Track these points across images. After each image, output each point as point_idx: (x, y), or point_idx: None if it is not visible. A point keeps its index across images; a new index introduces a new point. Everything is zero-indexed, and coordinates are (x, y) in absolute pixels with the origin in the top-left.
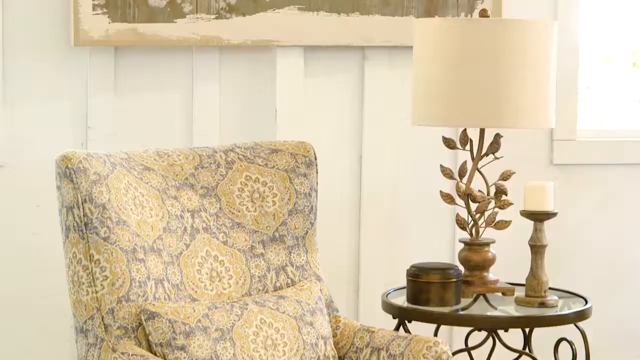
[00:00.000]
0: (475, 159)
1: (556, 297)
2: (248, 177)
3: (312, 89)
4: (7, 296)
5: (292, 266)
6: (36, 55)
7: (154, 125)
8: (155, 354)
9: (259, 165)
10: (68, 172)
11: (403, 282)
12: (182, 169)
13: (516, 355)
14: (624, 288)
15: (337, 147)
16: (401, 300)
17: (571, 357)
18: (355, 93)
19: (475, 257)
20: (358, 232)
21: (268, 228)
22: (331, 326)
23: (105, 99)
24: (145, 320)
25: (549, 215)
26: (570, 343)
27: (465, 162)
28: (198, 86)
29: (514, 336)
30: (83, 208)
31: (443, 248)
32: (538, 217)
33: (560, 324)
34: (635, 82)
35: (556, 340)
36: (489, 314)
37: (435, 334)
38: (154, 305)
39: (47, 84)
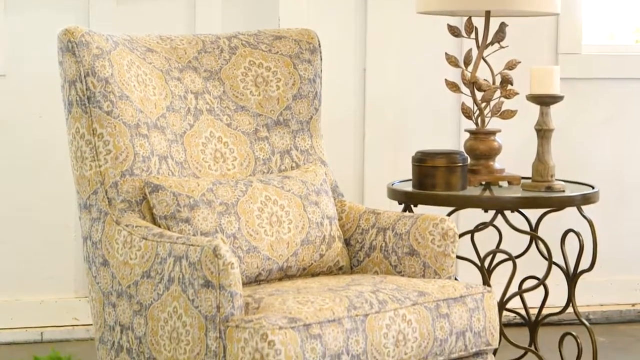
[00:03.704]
0: (481, 47)
1: (563, 183)
2: (252, 62)
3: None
4: (8, 206)
5: (297, 150)
6: None
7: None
8: (160, 227)
9: (263, 51)
10: (70, 45)
11: (408, 175)
12: (185, 53)
13: (522, 251)
14: (629, 201)
15: (341, 59)
16: (407, 188)
17: (578, 248)
18: (358, 4)
19: (481, 146)
20: (362, 137)
21: (272, 112)
22: (336, 209)
23: (107, 7)
24: (149, 193)
25: (555, 98)
26: (577, 234)
27: (470, 50)
28: None
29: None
30: (86, 82)
31: (449, 139)
32: (544, 101)
33: (567, 206)
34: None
35: (563, 232)
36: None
37: None
38: (157, 178)
39: None
